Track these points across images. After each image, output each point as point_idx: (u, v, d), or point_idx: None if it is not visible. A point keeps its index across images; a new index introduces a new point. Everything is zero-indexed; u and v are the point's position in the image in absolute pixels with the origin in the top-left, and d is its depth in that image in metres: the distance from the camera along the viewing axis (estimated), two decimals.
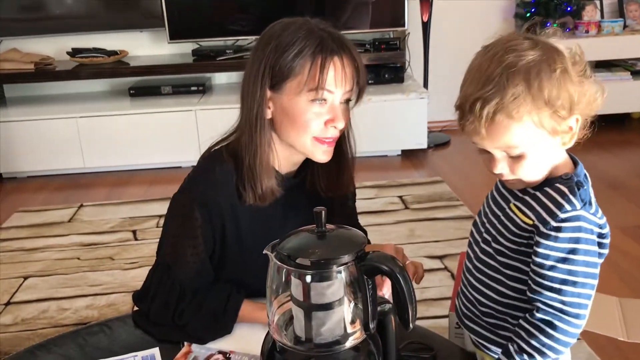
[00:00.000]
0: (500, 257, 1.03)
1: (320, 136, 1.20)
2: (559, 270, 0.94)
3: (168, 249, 1.28)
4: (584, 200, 0.94)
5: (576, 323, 0.95)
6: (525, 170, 0.96)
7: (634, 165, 3.58)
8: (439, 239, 2.62)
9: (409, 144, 3.76)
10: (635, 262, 2.43)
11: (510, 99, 0.88)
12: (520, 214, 0.99)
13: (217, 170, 1.24)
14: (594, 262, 0.95)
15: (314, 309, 0.77)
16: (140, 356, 1.21)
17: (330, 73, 1.15)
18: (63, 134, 3.59)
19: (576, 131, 0.95)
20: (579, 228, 0.93)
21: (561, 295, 0.94)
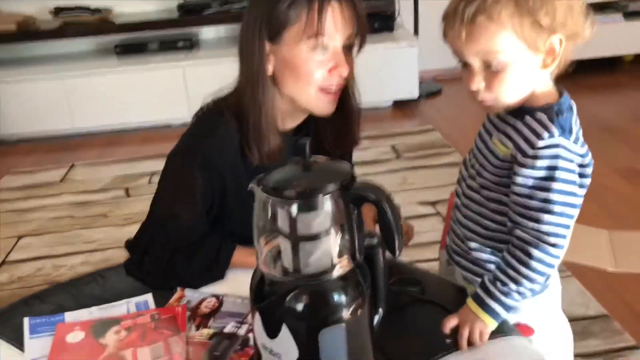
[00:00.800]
0: (484, 190, 1.04)
1: (324, 86, 1.16)
2: (537, 198, 0.94)
3: (164, 206, 1.27)
4: (562, 127, 0.94)
5: (553, 252, 0.95)
6: (502, 86, 0.94)
7: (626, 108, 3.57)
8: (431, 186, 2.63)
9: (400, 94, 3.74)
10: (628, 202, 2.45)
11: (491, 1, 0.88)
12: (501, 145, 0.99)
13: (221, 130, 1.19)
14: (572, 191, 0.95)
15: (300, 240, 0.77)
16: (134, 302, 1.21)
17: (328, 17, 1.10)
18: (50, 95, 3.54)
19: (559, 54, 0.94)
20: (557, 155, 0.93)
21: (538, 224, 0.95)
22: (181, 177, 1.22)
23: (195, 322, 1.14)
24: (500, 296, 0.98)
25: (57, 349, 1.06)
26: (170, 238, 1.25)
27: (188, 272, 1.23)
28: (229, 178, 1.23)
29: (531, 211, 0.95)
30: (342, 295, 0.79)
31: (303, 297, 0.78)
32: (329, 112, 1.20)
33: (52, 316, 1.17)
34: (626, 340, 1.69)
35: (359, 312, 0.81)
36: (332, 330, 0.78)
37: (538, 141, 0.93)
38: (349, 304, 0.80)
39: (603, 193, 2.45)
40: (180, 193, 1.23)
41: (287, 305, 0.78)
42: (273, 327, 0.79)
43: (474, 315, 0.99)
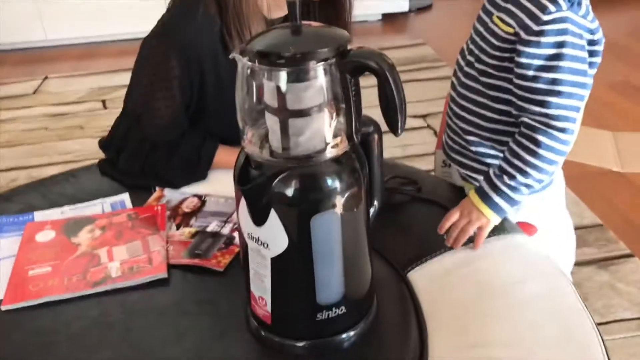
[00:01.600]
0: (484, 77, 0.95)
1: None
2: (543, 80, 0.86)
3: (139, 99, 1.17)
4: (571, 0, 0.84)
5: (562, 138, 0.87)
6: None
7: (621, 24, 3.46)
8: (421, 99, 2.54)
9: (389, 6, 3.58)
10: (623, 115, 2.39)
11: None
12: (502, 24, 0.89)
13: (200, 13, 1.08)
14: (582, 69, 0.86)
15: (290, 116, 0.68)
16: (109, 202, 1.13)
17: None
18: (20, 3, 3.33)
19: None
20: (565, 30, 0.84)
21: (545, 107, 0.86)
22: (156, 64, 1.12)
23: (175, 221, 1.07)
24: (506, 190, 0.91)
25: (26, 248, 0.99)
26: (148, 132, 1.15)
27: (168, 170, 1.15)
28: (208, 68, 1.13)
29: (537, 94, 0.87)
30: (336, 179, 0.71)
31: (293, 179, 0.70)
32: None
33: (21, 215, 1.09)
34: (621, 249, 1.66)
35: (355, 200, 0.74)
36: (325, 216, 0.71)
37: (543, 15, 0.84)
38: (343, 190, 0.72)
39: (598, 107, 2.38)
40: (156, 82, 1.13)
41: (275, 189, 0.70)
42: (260, 213, 0.71)
43: (475, 210, 0.93)
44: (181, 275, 0.93)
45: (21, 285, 0.90)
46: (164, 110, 1.14)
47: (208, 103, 1.17)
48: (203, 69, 1.12)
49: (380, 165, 0.83)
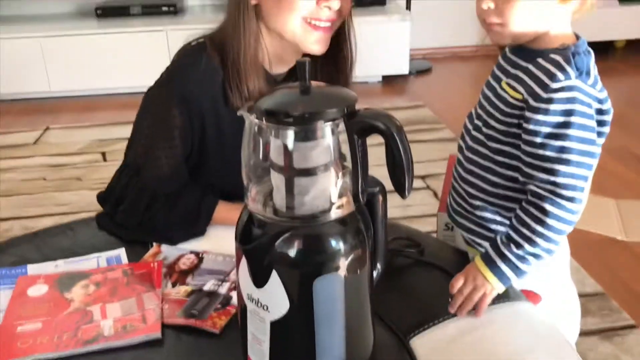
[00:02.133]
0: (491, 142, 0.95)
1: (312, 18, 1.06)
2: (551, 148, 0.85)
3: (140, 150, 1.16)
4: (579, 69, 0.85)
5: (570, 208, 0.86)
6: (514, 11, 0.86)
7: (618, 92, 3.52)
8: (421, 160, 2.54)
9: (390, 69, 3.64)
10: (623, 181, 2.40)
11: None
12: (511, 90, 0.90)
13: (203, 63, 1.09)
14: (590, 138, 0.86)
15: (296, 174, 0.67)
16: (105, 257, 1.11)
17: None
18: (26, 55, 3.38)
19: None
20: (573, 99, 0.84)
21: (554, 175, 0.85)
22: (158, 113, 1.12)
23: (171, 278, 1.04)
24: (513, 258, 0.89)
25: (16, 303, 0.96)
26: (147, 185, 1.14)
27: (166, 225, 1.13)
28: (209, 119, 1.13)
29: (545, 162, 0.86)
30: (341, 241, 0.70)
31: (296, 240, 0.68)
32: (319, 50, 1.09)
33: (14, 268, 1.06)
34: (624, 319, 1.63)
35: (359, 263, 0.72)
36: (328, 279, 0.68)
37: (552, 83, 0.84)
38: (347, 252, 0.70)
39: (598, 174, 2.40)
40: (157, 131, 1.12)
41: (277, 250, 0.68)
42: (261, 274, 0.69)
43: (480, 276, 0.90)
44: (175, 336, 0.90)
45: (9, 342, 0.87)
46: (164, 160, 1.13)
47: (209, 154, 1.17)
48: (204, 119, 1.12)
49: (384, 227, 0.81)
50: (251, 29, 1.07)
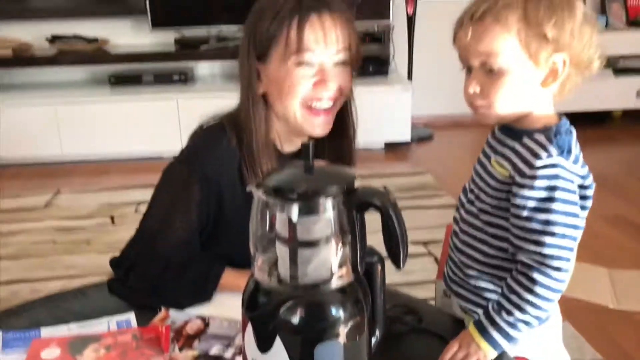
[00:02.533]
0: (483, 215, 1.01)
1: (311, 103, 1.13)
2: (536, 221, 0.91)
3: (156, 220, 1.22)
4: (561, 147, 0.92)
5: (557, 277, 0.91)
6: (498, 93, 0.93)
7: (616, 161, 3.61)
8: (422, 226, 2.60)
9: (392, 136, 3.75)
10: (619, 248, 2.44)
11: (502, 4, 0.88)
12: (499, 167, 0.96)
13: (223, 145, 1.16)
14: (573, 212, 0.92)
15: (299, 246, 0.73)
16: (115, 321, 1.15)
17: (308, 33, 1.09)
18: (41, 121, 3.51)
19: (561, 75, 0.92)
20: (556, 176, 0.91)
21: (540, 247, 0.91)
22: (178, 187, 1.18)
23: (179, 343, 1.08)
24: (504, 326, 0.93)
25: None
26: (160, 253, 1.19)
27: (175, 290, 1.18)
28: (227, 197, 1.19)
29: (532, 234, 0.92)
30: (341, 309, 0.75)
31: (299, 308, 0.73)
32: (321, 133, 1.16)
33: (28, 331, 1.10)
34: None
35: (358, 330, 0.77)
36: (328, 345, 0.73)
37: (536, 161, 0.91)
38: (347, 320, 0.75)
39: (594, 240, 2.44)
40: (177, 203, 1.18)
41: (281, 317, 0.73)
42: (266, 339, 0.74)
43: (474, 343, 0.95)
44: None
45: None
46: (180, 231, 1.19)
47: (223, 229, 1.22)
48: (222, 198, 1.18)
49: (382, 296, 0.86)
50: (260, 116, 1.14)
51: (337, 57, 1.12)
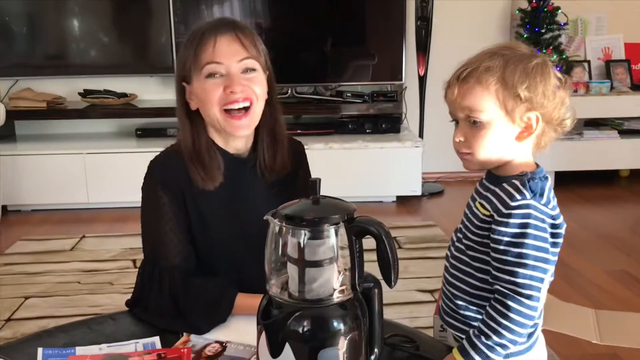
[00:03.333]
0: (470, 251, 1.13)
1: (228, 107, 1.29)
2: (511, 254, 1.04)
3: (147, 239, 1.39)
4: (534, 191, 1.04)
5: (529, 304, 1.03)
6: (479, 143, 1.07)
7: (622, 218, 3.70)
8: (430, 275, 2.70)
9: (403, 190, 3.88)
10: (621, 302, 2.51)
11: (484, 68, 1.04)
12: (482, 208, 1.10)
13: (168, 152, 1.37)
14: (544, 247, 1.04)
15: (306, 265, 0.87)
16: (142, 343, 1.28)
17: (209, 48, 1.28)
18: (69, 169, 3.70)
19: (535, 131, 1.06)
20: (528, 215, 1.03)
21: (514, 277, 1.03)
22: (148, 198, 1.36)
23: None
24: (484, 348, 1.05)
25: None
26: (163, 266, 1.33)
27: (193, 312, 1.30)
28: (186, 199, 1.34)
29: (507, 265, 1.04)
30: (341, 322, 0.88)
31: (305, 319, 0.86)
32: (242, 133, 1.33)
33: (65, 349, 1.23)
34: None
35: (356, 342, 0.89)
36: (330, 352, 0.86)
37: (511, 202, 1.04)
38: (346, 332, 0.88)
39: (598, 294, 2.53)
40: (152, 212, 1.35)
41: (290, 326, 0.86)
42: (276, 346, 0.87)
43: None
44: None
45: None
46: (167, 236, 1.34)
47: (197, 236, 1.36)
48: (184, 199, 1.34)
49: (380, 316, 0.99)
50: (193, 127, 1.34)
51: (244, 65, 1.30)
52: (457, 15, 4.24)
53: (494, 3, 4.28)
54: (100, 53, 4.06)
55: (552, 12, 3.96)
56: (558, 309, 1.99)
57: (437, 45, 4.07)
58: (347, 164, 3.74)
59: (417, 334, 1.33)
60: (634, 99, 4.15)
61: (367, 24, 4.09)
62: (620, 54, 4.35)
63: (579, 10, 4.29)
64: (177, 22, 3.88)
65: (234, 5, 3.97)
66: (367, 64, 4.09)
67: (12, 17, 3.95)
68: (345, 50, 4.10)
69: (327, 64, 4.09)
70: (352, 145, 3.78)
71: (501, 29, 4.31)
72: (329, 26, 4.08)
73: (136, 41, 4.10)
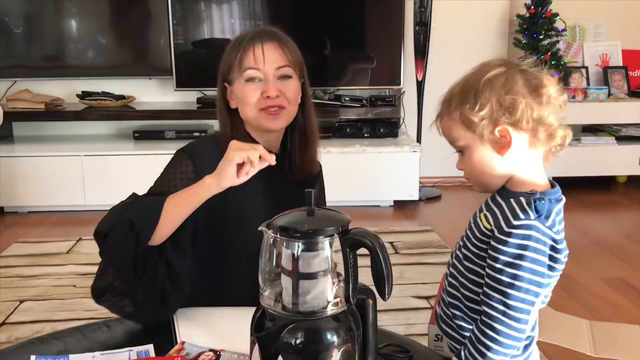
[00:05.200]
0: (466, 262, 1.12)
1: (264, 107, 1.39)
2: (506, 274, 1.02)
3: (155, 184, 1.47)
4: (539, 212, 1.01)
5: (517, 327, 1.02)
6: (467, 166, 1.09)
7: (618, 224, 3.70)
8: (426, 281, 2.70)
9: (401, 194, 3.88)
10: (616, 309, 2.51)
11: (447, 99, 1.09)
12: (485, 221, 1.08)
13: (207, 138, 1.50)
14: (540, 271, 1.02)
15: (301, 277, 0.86)
16: (135, 351, 1.27)
17: (252, 55, 1.39)
18: (67, 171, 3.70)
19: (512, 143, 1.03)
20: (529, 236, 1.01)
21: (505, 298, 1.02)
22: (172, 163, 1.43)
23: None
24: None
25: None
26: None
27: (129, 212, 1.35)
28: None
29: (500, 285, 1.02)
30: (335, 334, 0.87)
31: (299, 331, 0.86)
32: (275, 127, 1.43)
33: (58, 357, 1.23)
34: None
35: (350, 354, 0.89)
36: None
37: (514, 221, 1.01)
38: (340, 344, 0.87)
39: (594, 301, 2.53)
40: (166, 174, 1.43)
41: (283, 338, 0.86)
42: (270, 358, 0.86)
43: None
44: None
45: None
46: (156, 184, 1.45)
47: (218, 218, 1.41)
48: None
49: (375, 328, 0.98)
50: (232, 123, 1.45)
51: (281, 72, 1.41)
52: (456, 20, 4.25)
53: (492, 9, 4.29)
54: (98, 55, 4.06)
55: (550, 19, 3.96)
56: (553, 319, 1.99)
57: (435, 51, 4.07)
58: (344, 168, 3.74)
59: (412, 344, 1.32)
60: (631, 105, 4.16)
61: (366, 28, 4.09)
62: (618, 61, 4.36)
63: (577, 16, 4.30)
64: (175, 24, 3.87)
65: (234, 8, 3.97)
66: (365, 68, 4.09)
67: (11, 18, 3.94)
68: (343, 54, 4.10)
69: (325, 68, 4.09)
70: (350, 149, 3.78)
71: (499, 34, 4.32)
72: (327, 30, 4.08)
73: (135, 43, 4.10)
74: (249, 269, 1.34)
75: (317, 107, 4.60)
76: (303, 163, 1.49)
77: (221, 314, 1.39)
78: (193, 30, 3.95)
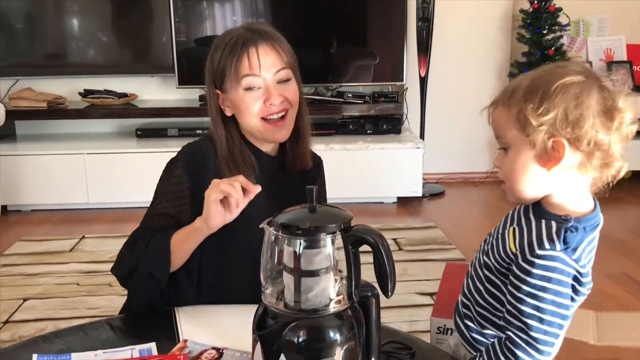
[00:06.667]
0: (486, 270, 1.07)
1: (266, 116, 1.34)
2: (527, 305, 0.96)
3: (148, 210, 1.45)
4: (567, 244, 0.94)
5: (539, 358, 0.97)
6: (506, 165, 1.00)
7: (623, 221, 3.68)
8: (430, 278, 2.69)
9: (404, 191, 3.87)
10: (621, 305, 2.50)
11: (511, 91, 0.98)
12: (512, 239, 1.01)
13: (203, 148, 1.39)
14: (564, 303, 0.96)
15: (303, 275, 0.85)
16: (138, 349, 1.27)
17: (247, 61, 1.31)
18: (70, 169, 3.70)
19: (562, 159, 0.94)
20: (553, 269, 0.94)
21: (528, 329, 0.97)
22: (165, 177, 1.41)
23: None
24: None
25: None
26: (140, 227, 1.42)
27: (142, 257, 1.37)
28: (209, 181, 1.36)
29: (522, 315, 0.97)
30: (337, 332, 0.86)
31: (301, 329, 0.85)
32: (281, 139, 1.38)
33: (60, 355, 1.22)
34: None
35: (353, 352, 0.88)
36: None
37: (538, 250, 0.94)
38: (342, 342, 0.87)
39: (599, 297, 2.52)
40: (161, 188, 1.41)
41: (285, 337, 0.85)
42: (272, 357, 0.85)
43: None
44: None
45: None
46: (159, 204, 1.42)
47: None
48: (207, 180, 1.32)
49: (377, 326, 0.98)
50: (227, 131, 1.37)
51: (279, 76, 1.35)
52: (459, 16, 4.23)
53: (495, 4, 4.26)
54: (100, 53, 4.06)
55: (553, 13, 3.94)
56: None
57: (438, 46, 4.06)
58: (347, 165, 3.73)
59: (414, 341, 1.31)
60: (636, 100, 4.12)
61: (369, 24, 4.08)
62: (622, 55, 4.34)
63: (581, 11, 4.27)
64: (177, 21, 3.87)
65: (236, 5, 3.96)
66: (368, 64, 4.08)
67: (13, 17, 3.94)
68: (346, 50, 4.09)
69: (328, 65, 4.08)
70: (353, 146, 3.77)
71: (503, 30, 4.29)
72: (330, 27, 4.06)
73: (137, 41, 4.09)
74: (251, 267, 1.35)
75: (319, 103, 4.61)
76: (294, 158, 1.45)
77: (223, 311, 1.38)
78: (195, 28, 3.94)
